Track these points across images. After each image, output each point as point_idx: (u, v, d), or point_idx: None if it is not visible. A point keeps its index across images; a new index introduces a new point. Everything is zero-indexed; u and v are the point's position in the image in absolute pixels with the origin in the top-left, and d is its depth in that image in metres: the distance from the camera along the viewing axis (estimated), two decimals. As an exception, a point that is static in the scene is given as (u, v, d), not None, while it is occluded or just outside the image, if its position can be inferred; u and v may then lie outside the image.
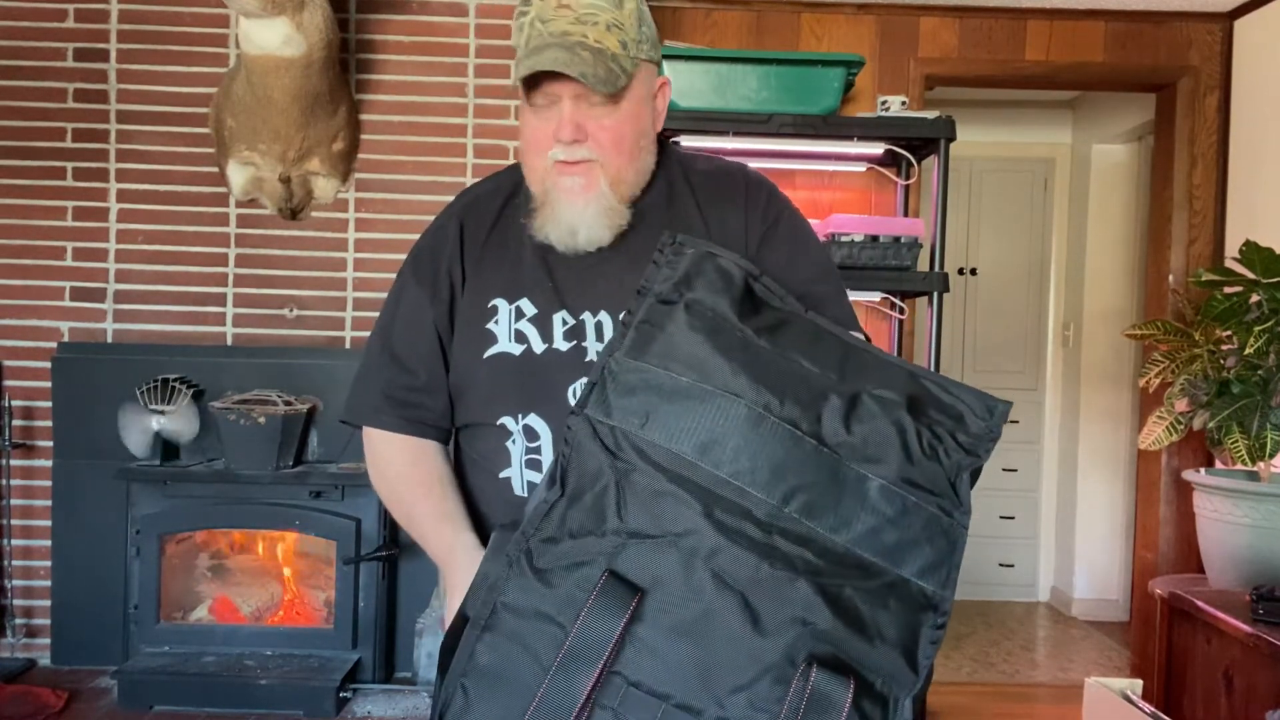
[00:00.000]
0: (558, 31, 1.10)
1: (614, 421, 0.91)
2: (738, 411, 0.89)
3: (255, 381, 2.96)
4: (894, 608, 0.89)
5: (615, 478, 0.90)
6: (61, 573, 2.98)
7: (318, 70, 2.68)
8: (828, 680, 0.84)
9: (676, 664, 0.86)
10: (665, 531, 0.88)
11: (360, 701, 2.75)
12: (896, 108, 3.00)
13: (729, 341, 0.92)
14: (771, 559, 0.87)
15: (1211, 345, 2.80)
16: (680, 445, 0.89)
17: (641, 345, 0.92)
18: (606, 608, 0.85)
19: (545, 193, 1.16)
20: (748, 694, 0.85)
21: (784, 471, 0.88)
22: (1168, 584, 2.73)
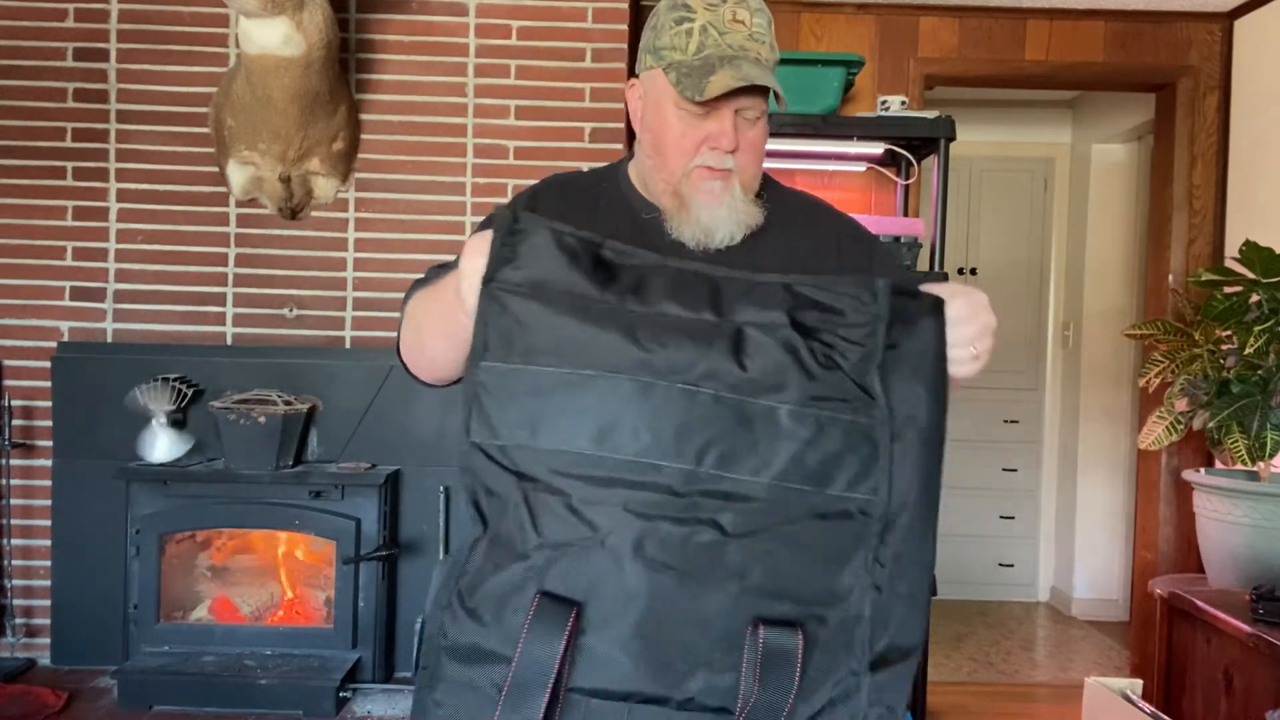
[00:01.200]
0: (737, 45, 1.13)
1: (504, 441, 0.88)
2: (623, 389, 0.86)
3: (255, 381, 2.96)
4: (830, 530, 0.87)
5: (523, 496, 0.87)
6: (61, 573, 2.98)
7: (318, 70, 2.68)
8: (776, 636, 0.84)
9: (631, 662, 0.85)
10: (587, 536, 0.86)
11: (360, 701, 2.75)
12: (896, 107, 3.00)
13: (595, 315, 0.88)
14: (698, 529, 0.86)
15: (1211, 345, 2.80)
16: (577, 443, 0.86)
17: (505, 345, 0.88)
18: (544, 631, 0.84)
19: (679, 194, 1.17)
20: (705, 668, 0.85)
21: (689, 431, 0.86)
22: (1167, 584, 2.73)
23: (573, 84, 3.09)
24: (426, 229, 3.09)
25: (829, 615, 0.87)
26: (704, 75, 1.12)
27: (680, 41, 1.15)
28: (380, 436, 2.99)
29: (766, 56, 1.16)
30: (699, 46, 1.14)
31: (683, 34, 1.15)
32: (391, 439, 2.99)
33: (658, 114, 1.19)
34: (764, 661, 0.84)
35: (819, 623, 0.87)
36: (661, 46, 1.17)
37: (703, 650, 0.86)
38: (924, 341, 0.92)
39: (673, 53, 1.16)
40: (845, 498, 0.87)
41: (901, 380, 0.90)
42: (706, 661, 0.86)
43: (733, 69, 1.11)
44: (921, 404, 0.91)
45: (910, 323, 0.91)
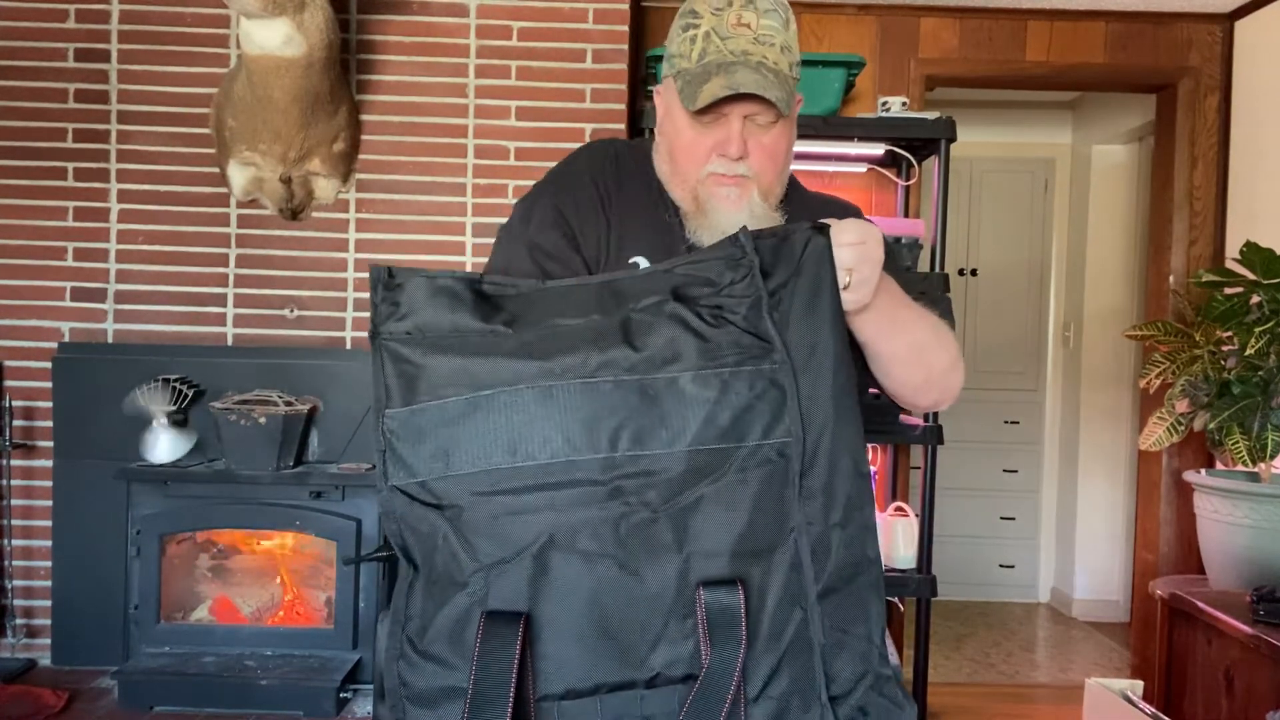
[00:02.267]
0: (739, 50, 1.12)
1: (422, 477, 0.88)
2: (525, 399, 0.87)
3: (255, 382, 2.96)
4: (755, 480, 0.88)
5: (451, 526, 0.88)
6: (62, 573, 2.98)
7: (318, 70, 2.68)
8: (717, 595, 0.86)
9: (590, 656, 0.87)
10: (520, 547, 0.87)
11: (360, 702, 2.75)
12: (897, 108, 3.00)
13: (484, 345, 0.89)
14: (627, 511, 0.87)
15: (1212, 346, 2.80)
16: (492, 460, 0.87)
17: (408, 391, 0.89)
18: (495, 648, 0.85)
19: (697, 200, 1.18)
20: (664, 642, 0.87)
21: (597, 422, 0.87)
22: (1168, 585, 2.73)
23: (573, 84, 3.09)
24: (427, 230, 3.09)
25: (773, 561, 0.89)
26: (701, 83, 1.12)
27: (685, 49, 1.15)
28: (381, 437, 2.98)
29: (774, 59, 1.14)
30: (701, 53, 1.14)
31: (687, 41, 1.15)
32: (392, 439, 2.98)
33: (671, 121, 1.20)
34: (710, 622, 0.85)
35: (765, 571, 0.88)
36: (672, 54, 1.18)
37: (657, 626, 0.87)
38: (812, 272, 0.94)
39: (680, 60, 1.16)
40: (763, 445, 0.89)
41: (800, 315, 0.92)
42: (663, 636, 0.87)
43: (725, 76, 1.11)
44: (821, 332, 0.92)
45: (795, 258, 0.94)
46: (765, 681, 0.87)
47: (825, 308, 0.93)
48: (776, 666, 0.88)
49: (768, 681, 0.87)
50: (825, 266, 0.95)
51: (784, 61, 1.15)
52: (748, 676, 0.86)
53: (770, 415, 0.89)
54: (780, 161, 1.19)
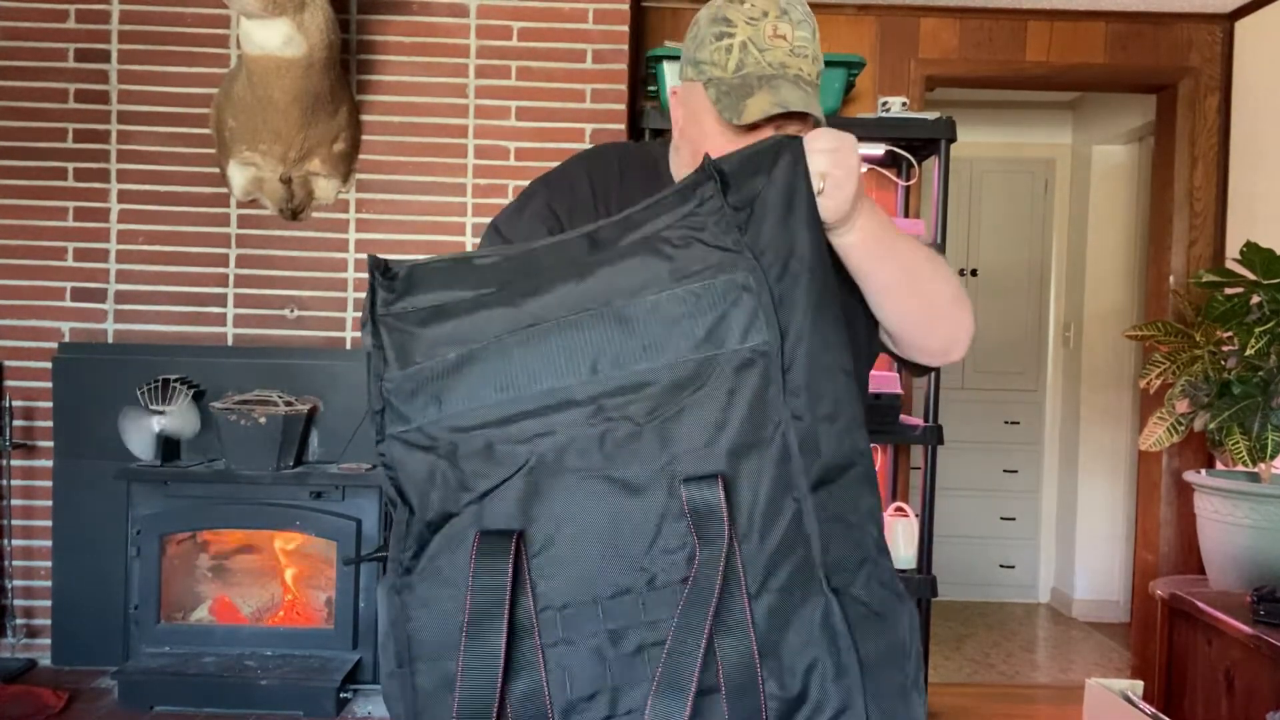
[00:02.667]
0: (776, 63, 1.13)
1: (415, 423, 0.92)
2: (509, 343, 0.90)
3: (256, 382, 2.96)
4: (738, 379, 0.90)
5: (445, 463, 0.91)
6: (62, 573, 2.98)
7: (318, 71, 2.68)
8: (697, 490, 0.87)
9: (588, 566, 0.89)
10: (510, 472, 0.90)
11: (361, 702, 2.75)
12: (897, 109, 3.00)
13: (473, 305, 0.93)
14: (611, 426, 0.89)
15: (1212, 346, 2.80)
16: (481, 399, 0.90)
17: (404, 356, 0.93)
18: (490, 563, 0.87)
19: None
20: (659, 546, 0.88)
21: (576, 352, 0.89)
22: (1168, 585, 2.73)
23: (573, 85, 3.09)
24: (427, 230, 3.09)
25: (762, 456, 0.90)
26: (742, 96, 1.13)
27: (720, 58, 1.15)
28: (381, 437, 2.98)
29: (809, 71, 1.15)
30: (739, 64, 1.14)
31: (722, 50, 1.15)
32: (392, 440, 2.98)
33: (698, 127, 1.19)
34: (695, 519, 0.87)
35: (755, 468, 0.89)
36: (702, 61, 1.17)
37: (650, 531, 0.89)
38: (784, 180, 0.95)
39: (712, 68, 1.16)
40: (740, 349, 0.90)
41: (773, 223, 0.93)
42: (657, 539, 0.88)
43: (771, 92, 1.12)
44: (796, 238, 0.93)
45: (766, 169, 0.95)
46: (764, 575, 0.88)
47: (799, 215, 0.94)
48: (774, 560, 0.88)
49: (767, 575, 0.88)
50: (798, 174, 0.95)
51: (814, 72, 1.17)
52: (746, 571, 0.87)
53: (746, 320, 0.90)
54: None
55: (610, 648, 0.88)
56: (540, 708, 0.88)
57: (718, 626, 0.86)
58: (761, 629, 0.87)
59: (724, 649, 0.86)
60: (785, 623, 0.88)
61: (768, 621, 0.87)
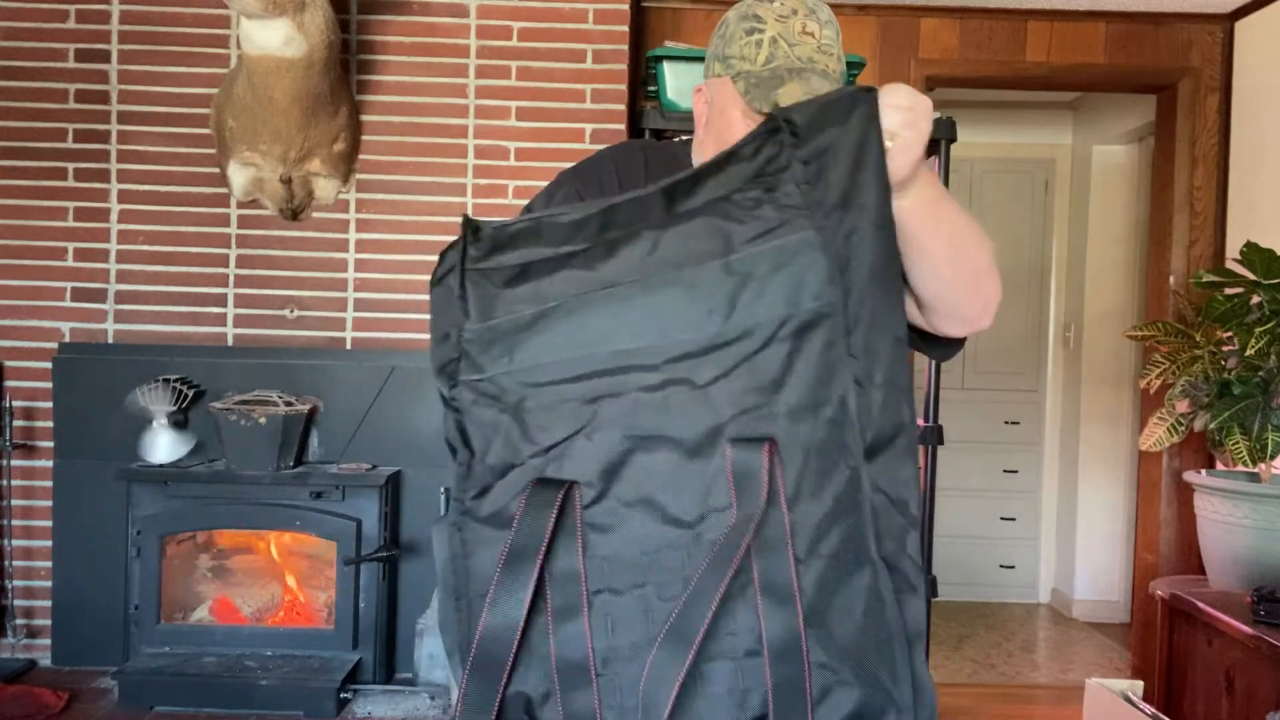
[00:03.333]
0: (805, 57, 1.18)
1: (489, 372, 0.94)
2: (582, 304, 0.92)
3: (256, 382, 2.96)
4: (805, 341, 0.90)
5: (510, 415, 0.93)
6: (62, 573, 2.98)
7: (319, 71, 2.68)
8: (740, 451, 0.88)
9: (638, 520, 0.91)
10: (574, 430, 0.92)
11: (361, 702, 2.75)
12: (897, 109, 2.99)
13: (551, 265, 0.95)
14: (673, 389, 0.91)
15: (1212, 346, 2.80)
16: (553, 355, 0.92)
17: (485, 310, 0.95)
18: (538, 507, 0.90)
19: None
20: (709, 504, 0.89)
21: (648, 319, 0.91)
22: (1169, 585, 2.73)
23: (573, 85, 3.09)
24: (427, 230, 3.09)
25: (818, 418, 0.90)
26: (773, 87, 1.16)
27: (750, 52, 1.19)
28: (381, 437, 2.99)
29: (834, 69, 1.19)
30: (769, 57, 1.18)
31: (752, 44, 1.19)
32: (392, 440, 2.99)
33: (724, 120, 1.22)
34: (735, 480, 0.88)
35: (811, 431, 0.90)
36: (730, 55, 1.21)
37: (701, 489, 0.90)
38: (856, 134, 0.93)
39: (741, 62, 1.20)
40: (805, 309, 0.90)
41: (842, 178, 0.92)
42: (708, 498, 0.90)
43: (801, 82, 1.15)
44: (866, 194, 0.92)
45: (840, 122, 0.93)
46: (814, 540, 0.88)
47: (869, 171, 0.93)
48: (824, 525, 0.89)
49: (817, 540, 0.88)
50: (871, 129, 0.94)
51: (839, 71, 1.21)
52: (795, 535, 0.88)
53: (813, 280, 0.90)
54: None
55: (655, 599, 0.90)
56: (582, 650, 0.90)
57: (764, 590, 0.87)
58: (809, 595, 0.87)
59: (769, 614, 0.87)
60: (833, 590, 0.88)
61: (816, 588, 0.88)
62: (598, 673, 0.90)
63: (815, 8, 1.20)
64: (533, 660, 0.91)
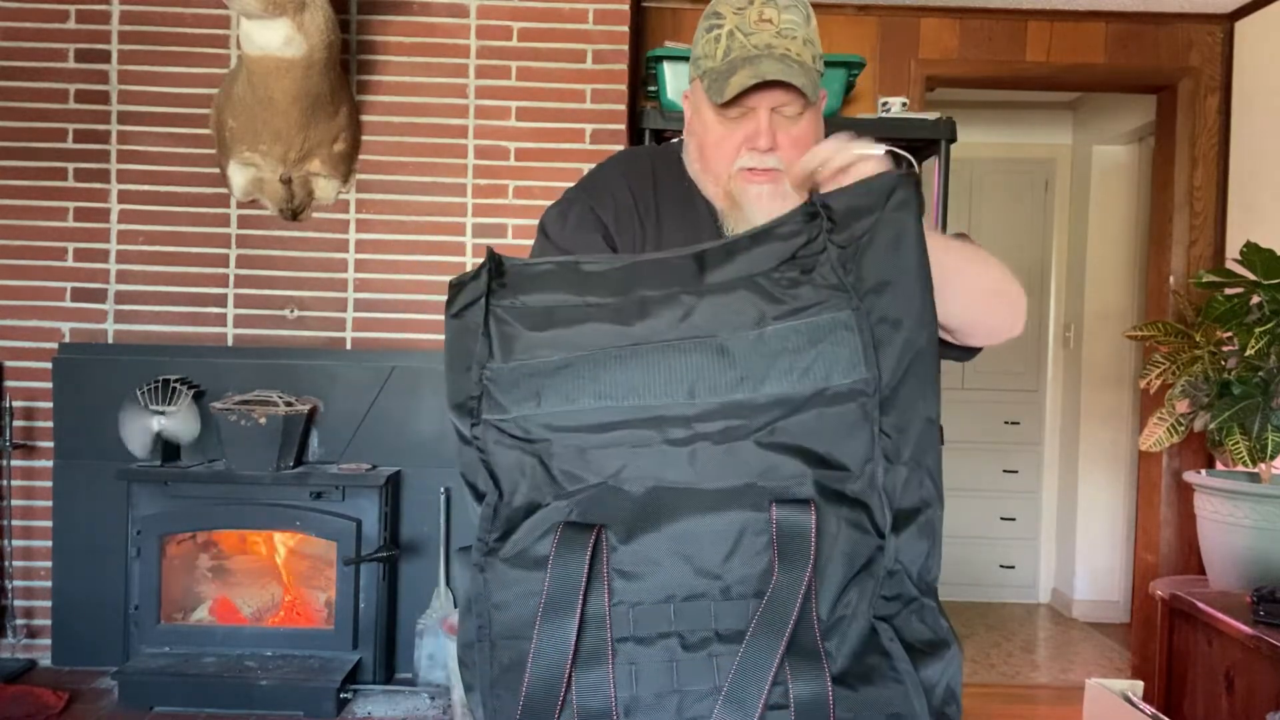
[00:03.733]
0: (762, 44, 1.16)
1: (512, 414, 0.93)
2: (611, 357, 0.92)
3: (256, 382, 2.96)
4: (836, 412, 0.90)
5: (534, 459, 0.93)
6: (62, 573, 2.98)
7: (319, 71, 2.68)
8: (789, 513, 0.88)
9: (664, 569, 0.90)
10: (600, 479, 0.92)
11: (361, 702, 2.75)
12: (897, 109, 3.00)
13: (578, 315, 0.95)
14: (703, 443, 0.90)
15: (1212, 346, 2.80)
16: (580, 402, 0.92)
17: (506, 349, 0.95)
18: (569, 553, 0.89)
19: (731, 197, 1.21)
20: (737, 558, 0.89)
21: (675, 376, 0.91)
22: (1168, 585, 2.73)
23: (573, 85, 3.09)
24: (427, 230, 3.09)
25: (847, 489, 0.91)
26: (726, 77, 1.16)
27: (710, 49, 1.19)
28: (381, 437, 2.99)
29: (798, 51, 1.17)
30: (726, 50, 1.18)
31: (712, 41, 1.19)
32: (392, 440, 2.99)
33: (700, 121, 1.23)
34: (780, 540, 0.88)
35: (839, 497, 0.90)
36: (697, 55, 1.22)
37: (729, 544, 0.89)
38: (893, 216, 0.94)
39: (706, 60, 1.20)
40: (840, 385, 0.91)
41: (877, 261, 0.93)
42: (735, 552, 0.89)
43: (751, 68, 1.14)
44: (905, 275, 0.93)
45: (877, 208, 0.94)
46: (834, 600, 0.89)
47: (907, 257, 0.94)
48: (844, 585, 0.90)
49: (837, 600, 0.89)
50: (908, 215, 0.95)
51: (806, 54, 1.18)
52: (818, 598, 0.89)
53: (846, 357, 0.90)
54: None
55: (680, 650, 0.89)
56: (605, 699, 0.89)
57: (791, 649, 0.87)
58: (831, 655, 0.88)
59: (797, 674, 0.87)
60: (854, 652, 0.89)
61: (837, 648, 0.89)
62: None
63: None
64: (560, 707, 0.90)
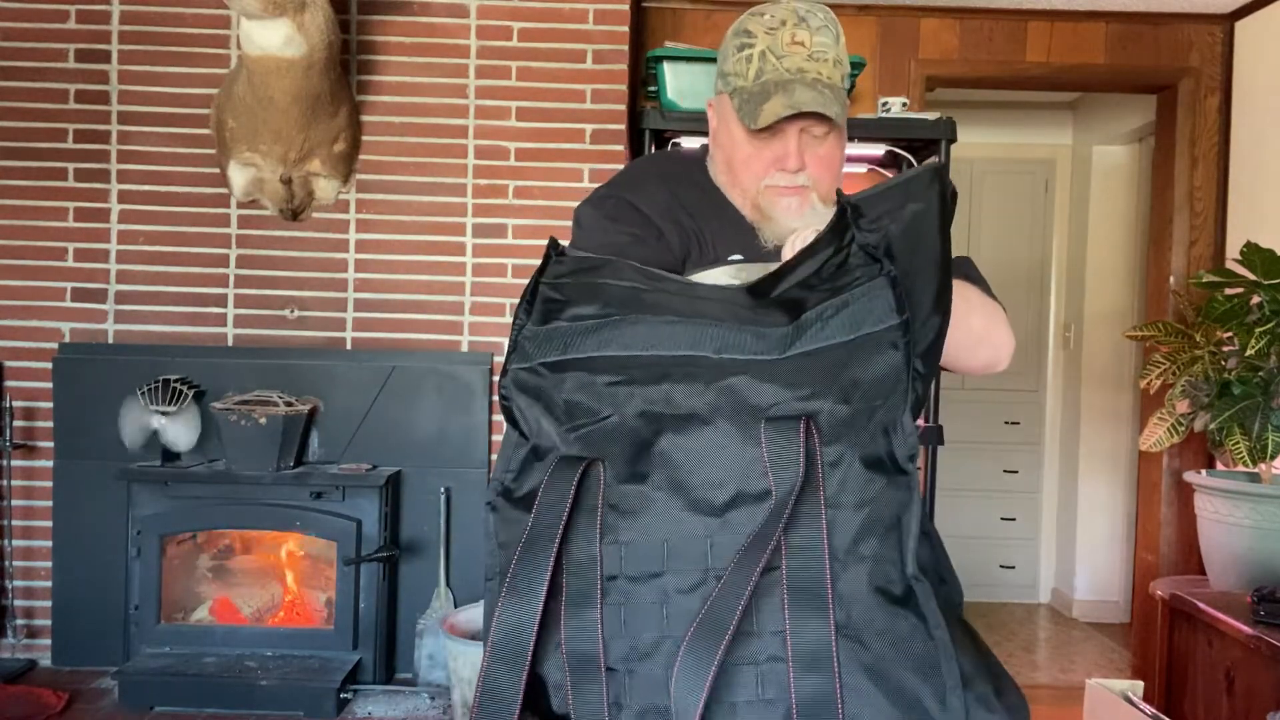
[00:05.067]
0: (794, 68, 1.17)
1: (536, 361, 0.94)
2: (646, 321, 0.92)
3: (256, 382, 2.96)
4: (860, 350, 0.88)
5: (556, 398, 0.92)
6: (62, 573, 2.98)
7: (319, 71, 2.68)
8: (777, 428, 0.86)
9: (663, 498, 0.88)
10: (609, 411, 0.90)
11: (361, 702, 2.75)
12: (897, 109, 3.00)
13: (627, 293, 0.95)
14: (720, 381, 0.88)
15: (1212, 346, 2.80)
16: (603, 351, 0.92)
17: (546, 315, 0.96)
18: (558, 483, 0.88)
19: (760, 210, 1.22)
20: (742, 491, 0.86)
21: (704, 339, 0.90)
22: (1169, 585, 2.73)
23: (574, 85, 3.09)
24: (427, 230, 3.09)
25: (873, 421, 0.88)
26: (760, 102, 1.17)
27: (741, 68, 1.20)
28: (381, 437, 2.99)
29: (829, 74, 1.18)
30: (758, 72, 1.18)
31: (743, 60, 1.19)
32: (392, 440, 2.99)
33: (728, 136, 1.24)
34: (770, 457, 0.85)
35: (866, 432, 0.88)
36: (727, 72, 1.22)
37: (737, 471, 0.86)
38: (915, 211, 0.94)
39: (736, 78, 1.21)
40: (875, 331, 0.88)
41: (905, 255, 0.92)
42: (743, 481, 0.86)
43: (785, 95, 1.15)
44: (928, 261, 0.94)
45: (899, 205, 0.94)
46: (855, 538, 0.86)
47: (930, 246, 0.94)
48: (867, 526, 0.86)
49: (859, 539, 0.86)
50: (929, 213, 0.95)
51: (836, 75, 1.19)
52: (834, 531, 0.85)
53: (877, 309, 0.89)
54: (836, 169, 1.24)
55: (673, 592, 0.86)
56: (594, 643, 0.87)
57: (792, 589, 0.83)
58: (844, 600, 0.84)
59: (796, 618, 0.83)
60: (872, 600, 0.85)
61: (851, 593, 0.84)
62: (615, 668, 0.87)
63: (806, 15, 1.19)
64: (552, 648, 0.88)
